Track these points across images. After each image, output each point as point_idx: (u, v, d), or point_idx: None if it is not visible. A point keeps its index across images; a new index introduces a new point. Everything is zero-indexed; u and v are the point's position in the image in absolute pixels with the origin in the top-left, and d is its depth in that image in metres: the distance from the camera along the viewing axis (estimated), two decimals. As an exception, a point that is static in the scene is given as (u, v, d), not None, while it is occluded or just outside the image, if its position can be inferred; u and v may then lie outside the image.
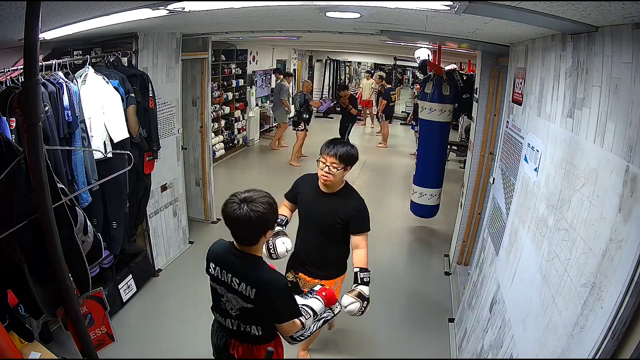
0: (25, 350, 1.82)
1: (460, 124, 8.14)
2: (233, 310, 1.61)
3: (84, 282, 1.18)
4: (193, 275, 3.57)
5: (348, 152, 2.05)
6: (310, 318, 1.75)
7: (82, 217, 1.24)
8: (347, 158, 2.04)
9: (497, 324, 1.94)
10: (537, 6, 1.24)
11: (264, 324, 1.63)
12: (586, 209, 1.26)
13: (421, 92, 4.06)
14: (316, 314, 1.78)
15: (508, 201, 2.23)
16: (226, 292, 1.60)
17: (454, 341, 2.78)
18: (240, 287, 1.54)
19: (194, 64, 4.25)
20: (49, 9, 1.51)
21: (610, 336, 1.03)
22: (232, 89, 7.18)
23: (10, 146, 1.08)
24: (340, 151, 2.03)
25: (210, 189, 4.51)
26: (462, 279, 3.47)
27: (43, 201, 0.91)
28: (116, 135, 2.61)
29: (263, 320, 1.62)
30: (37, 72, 0.87)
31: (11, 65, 2.21)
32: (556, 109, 1.65)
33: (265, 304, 1.54)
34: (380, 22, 2.47)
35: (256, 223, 1.48)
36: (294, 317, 1.63)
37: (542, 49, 1.93)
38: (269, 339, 1.70)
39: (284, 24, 3.02)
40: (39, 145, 0.88)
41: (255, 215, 1.46)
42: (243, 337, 1.67)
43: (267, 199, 1.52)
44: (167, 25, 2.84)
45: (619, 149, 1.12)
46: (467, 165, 3.68)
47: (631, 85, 1.10)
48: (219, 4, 1.87)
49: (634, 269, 0.98)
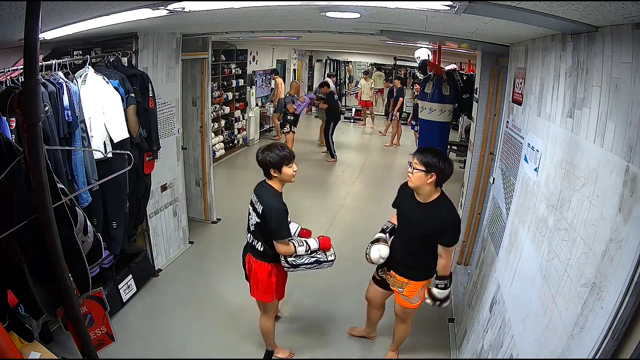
0: (25, 350, 1.82)
1: (460, 124, 8.14)
2: (252, 226, 2.28)
3: (84, 282, 1.17)
4: (193, 275, 3.57)
5: (433, 159, 2.08)
6: (302, 247, 2.23)
7: (82, 217, 1.24)
8: (431, 165, 2.08)
9: (497, 324, 1.94)
10: (537, 6, 1.23)
11: (265, 240, 2.23)
12: (586, 209, 1.26)
13: (421, 92, 4.06)
14: (309, 248, 2.25)
15: (508, 201, 2.23)
16: (252, 210, 2.26)
17: (454, 341, 2.78)
18: (257, 205, 2.21)
19: (194, 64, 4.25)
20: (49, 9, 1.51)
21: (610, 336, 1.03)
22: (232, 89, 7.17)
23: (10, 146, 1.08)
24: (427, 156, 2.10)
25: (210, 189, 4.51)
26: (462, 279, 3.46)
27: (43, 201, 0.91)
28: (116, 135, 2.61)
29: (265, 237, 2.21)
30: (37, 72, 0.87)
31: (11, 65, 2.21)
32: (556, 109, 1.65)
33: (265, 220, 2.17)
34: (380, 22, 2.47)
35: (263, 164, 2.19)
36: (284, 237, 2.19)
37: (542, 49, 1.93)
38: (269, 258, 2.28)
39: (284, 24, 3.01)
40: (39, 145, 0.88)
41: (261, 159, 2.18)
42: (253, 251, 2.32)
43: (274, 152, 2.15)
44: (167, 25, 2.83)
45: (619, 149, 1.12)
46: (467, 165, 3.68)
47: (631, 85, 1.10)
48: (219, 4, 1.87)
49: (634, 269, 0.98)
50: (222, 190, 5.05)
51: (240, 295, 3.22)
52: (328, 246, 2.32)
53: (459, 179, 4.17)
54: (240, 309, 3.03)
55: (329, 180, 6.53)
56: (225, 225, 4.54)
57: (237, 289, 2.75)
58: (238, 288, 2.77)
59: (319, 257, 2.30)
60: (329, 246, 2.33)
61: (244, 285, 2.49)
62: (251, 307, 3.08)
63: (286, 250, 2.21)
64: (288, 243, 2.21)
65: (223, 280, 3.43)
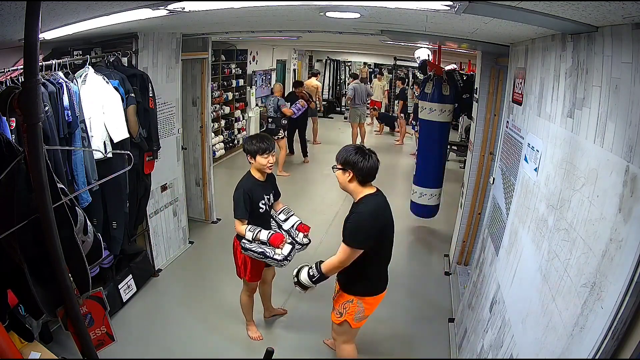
0: (25, 350, 1.82)
1: (460, 124, 8.14)
2: None
3: (84, 282, 1.17)
4: (193, 275, 3.57)
5: (345, 154, 1.97)
6: (251, 233, 2.35)
7: (82, 217, 1.24)
8: (344, 161, 1.97)
9: (497, 324, 1.94)
10: (537, 6, 1.23)
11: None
12: (586, 209, 1.26)
13: (421, 92, 4.06)
14: (258, 238, 2.34)
15: (508, 201, 2.23)
16: None
17: (454, 341, 2.78)
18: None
19: (194, 64, 4.25)
20: (49, 9, 1.51)
21: (610, 336, 1.03)
22: (232, 89, 7.17)
23: (10, 146, 1.08)
24: (341, 152, 2.00)
25: (210, 189, 4.51)
26: (462, 279, 3.47)
27: (43, 201, 0.91)
28: (116, 135, 2.61)
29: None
30: (37, 72, 0.87)
31: (11, 65, 2.21)
32: (556, 109, 1.65)
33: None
34: (380, 22, 2.47)
35: (243, 151, 2.50)
36: (236, 216, 2.39)
37: (542, 49, 1.93)
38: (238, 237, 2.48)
39: (284, 24, 3.02)
40: (39, 145, 0.87)
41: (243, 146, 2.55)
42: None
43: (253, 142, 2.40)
44: (167, 25, 2.84)
45: (619, 149, 1.12)
46: (467, 165, 3.68)
47: (631, 85, 1.10)
48: (219, 4, 1.87)
49: (634, 269, 0.98)
50: (222, 190, 5.04)
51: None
52: (276, 243, 2.34)
53: (459, 179, 4.18)
54: (240, 309, 3.03)
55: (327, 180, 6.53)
56: (225, 225, 4.54)
57: (237, 289, 2.75)
58: (238, 288, 2.77)
59: (266, 250, 2.35)
60: (278, 244, 2.34)
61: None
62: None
63: (238, 229, 2.41)
64: (242, 223, 2.39)
65: (223, 280, 3.43)
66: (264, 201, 2.47)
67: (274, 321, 2.99)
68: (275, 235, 2.36)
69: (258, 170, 2.45)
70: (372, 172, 1.97)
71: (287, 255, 2.34)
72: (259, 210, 2.44)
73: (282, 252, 2.34)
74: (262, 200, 2.46)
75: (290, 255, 2.35)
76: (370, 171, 1.96)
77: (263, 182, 2.47)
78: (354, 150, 1.98)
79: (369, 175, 1.98)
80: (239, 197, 2.37)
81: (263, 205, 2.46)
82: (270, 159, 2.41)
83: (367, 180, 2.00)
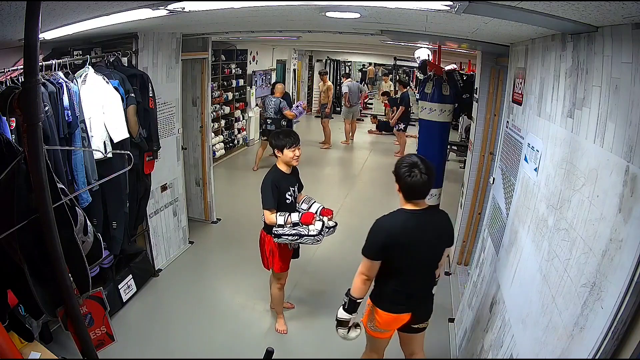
0: (25, 350, 1.82)
1: (460, 124, 8.13)
2: None
3: (84, 282, 1.17)
4: (193, 275, 3.57)
5: (398, 161, 1.92)
6: (282, 217, 2.42)
7: (82, 217, 1.24)
8: (395, 167, 1.91)
9: (497, 324, 1.94)
10: (537, 6, 1.23)
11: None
12: (586, 209, 1.26)
13: (421, 92, 4.05)
14: (290, 221, 2.42)
15: (508, 201, 2.23)
16: None
17: (454, 341, 2.78)
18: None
19: (194, 64, 4.25)
20: (49, 9, 1.50)
21: (610, 336, 1.03)
22: (232, 89, 7.17)
23: (10, 146, 1.08)
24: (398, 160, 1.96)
25: (210, 189, 4.51)
26: (462, 279, 3.47)
27: (43, 201, 0.91)
28: (116, 135, 2.61)
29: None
30: (37, 72, 0.87)
31: (11, 65, 2.21)
32: (556, 109, 1.65)
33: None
34: (380, 22, 2.47)
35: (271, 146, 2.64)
36: (265, 206, 2.45)
37: (542, 49, 1.92)
38: (265, 228, 2.60)
39: (284, 24, 3.02)
40: (39, 145, 0.88)
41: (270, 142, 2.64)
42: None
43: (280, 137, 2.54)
44: (167, 25, 2.84)
45: (619, 149, 1.12)
46: (467, 165, 3.68)
47: (631, 85, 1.10)
48: (219, 4, 1.87)
49: (634, 269, 0.98)
50: (222, 190, 5.04)
51: (240, 295, 3.23)
52: (309, 220, 2.44)
53: (459, 179, 4.17)
54: (240, 309, 3.03)
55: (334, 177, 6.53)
56: (225, 225, 4.54)
57: (237, 289, 2.76)
58: (238, 288, 2.78)
59: (300, 230, 2.43)
60: (310, 220, 2.44)
61: (244, 284, 2.50)
62: (250, 307, 3.09)
63: (268, 218, 2.48)
64: (272, 212, 2.46)
65: (223, 280, 3.43)
66: (290, 192, 2.58)
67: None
68: (306, 214, 2.48)
69: (285, 163, 2.56)
70: (413, 189, 1.82)
71: (321, 230, 2.44)
72: (286, 201, 2.54)
73: (315, 227, 2.43)
74: (289, 192, 2.56)
75: (322, 231, 2.45)
76: (410, 189, 1.82)
77: (289, 174, 2.59)
78: (405, 162, 1.85)
79: (410, 192, 1.84)
80: (267, 187, 2.46)
81: (289, 197, 2.57)
82: (297, 152, 2.54)
83: (411, 197, 1.86)
